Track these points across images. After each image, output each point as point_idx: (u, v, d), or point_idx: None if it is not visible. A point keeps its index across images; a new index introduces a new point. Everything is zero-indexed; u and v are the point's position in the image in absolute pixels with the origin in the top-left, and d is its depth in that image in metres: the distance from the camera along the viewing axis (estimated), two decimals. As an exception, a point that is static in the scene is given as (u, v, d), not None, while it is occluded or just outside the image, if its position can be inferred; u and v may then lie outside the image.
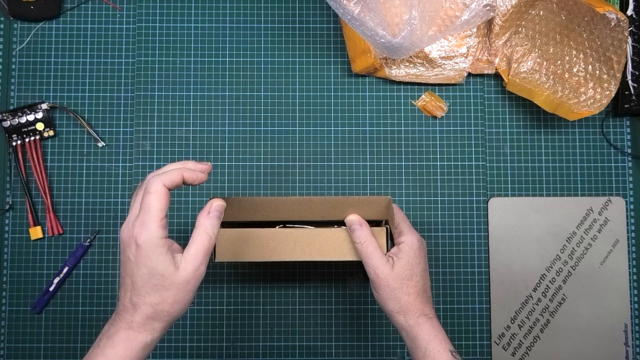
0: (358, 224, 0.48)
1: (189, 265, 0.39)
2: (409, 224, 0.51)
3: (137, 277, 0.39)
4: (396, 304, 0.48)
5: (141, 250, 0.38)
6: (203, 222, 0.41)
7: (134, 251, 0.39)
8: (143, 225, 0.38)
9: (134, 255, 0.39)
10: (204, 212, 0.42)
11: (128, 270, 0.39)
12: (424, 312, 0.48)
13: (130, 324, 0.39)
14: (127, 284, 0.40)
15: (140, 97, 0.64)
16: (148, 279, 0.39)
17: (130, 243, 0.39)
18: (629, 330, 0.62)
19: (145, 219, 0.38)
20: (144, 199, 0.39)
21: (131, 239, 0.39)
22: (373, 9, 0.55)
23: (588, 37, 0.59)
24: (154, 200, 0.39)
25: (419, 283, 0.49)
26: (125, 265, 0.39)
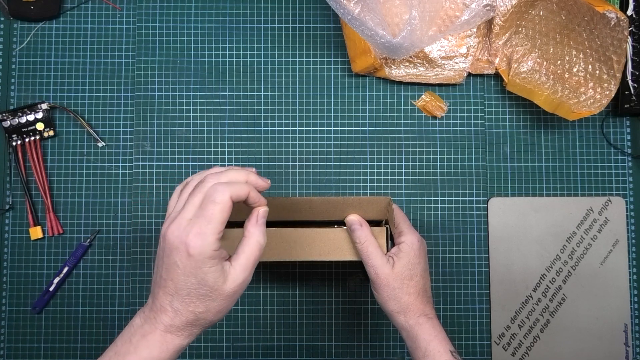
0: (358, 224, 0.48)
1: (239, 277, 0.38)
2: (409, 224, 0.51)
3: (183, 284, 0.37)
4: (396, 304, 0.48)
5: (193, 260, 0.36)
6: (253, 232, 0.40)
7: (184, 259, 0.36)
8: (201, 235, 0.36)
9: (184, 263, 0.36)
10: (252, 220, 0.40)
11: (172, 275, 0.37)
12: (425, 312, 0.48)
13: (168, 328, 0.38)
14: (168, 287, 0.38)
15: (140, 97, 0.64)
16: (195, 289, 0.37)
17: (181, 249, 0.36)
18: (629, 330, 0.62)
19: (204, 230, 0.36)
20: (207, 208, 0.36)
21: (182, 244, 0.36)
22: (373, 9, 0.55)
23: (588, 37, 0.59)
24: (219, 212, 0.36)
25: (419, 283, 0.49)
26: (170, 269, 0.37)
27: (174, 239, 0.37)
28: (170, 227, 0.37)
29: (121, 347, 0.38)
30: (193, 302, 0.37)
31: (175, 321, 0.38)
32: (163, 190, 0.63)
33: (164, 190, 0.63)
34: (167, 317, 0.38)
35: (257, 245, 0.40)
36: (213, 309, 0.38)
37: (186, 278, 0.37)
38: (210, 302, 0.38)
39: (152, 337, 0.38)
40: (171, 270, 0.37)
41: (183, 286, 0.37)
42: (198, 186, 0.38)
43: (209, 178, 0.38)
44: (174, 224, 0.37)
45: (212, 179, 0.38)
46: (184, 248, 0.36)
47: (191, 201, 0.38)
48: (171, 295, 0.37)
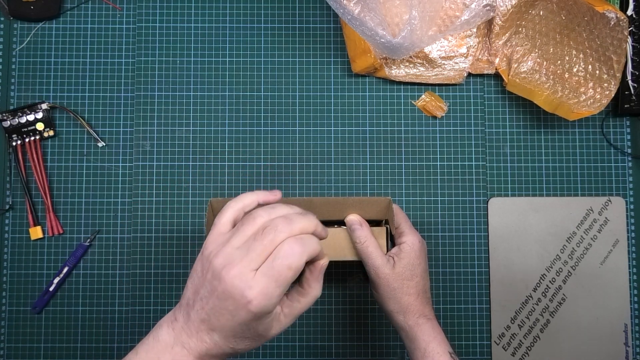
0: (358, 224, 0.48)
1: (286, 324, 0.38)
2: (410, 225, 0.51)
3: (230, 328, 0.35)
4: (396, 304, 0.48)
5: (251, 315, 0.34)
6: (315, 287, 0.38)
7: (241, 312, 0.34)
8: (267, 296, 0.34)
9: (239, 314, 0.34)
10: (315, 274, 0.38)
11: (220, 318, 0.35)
12: (424, 313, 0.48)
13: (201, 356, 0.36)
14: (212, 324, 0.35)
15: (140, 97, 0.64)
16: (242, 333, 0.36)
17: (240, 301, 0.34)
18: (629, 330, 0.62)
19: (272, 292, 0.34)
20: (281, 270, 0.34)
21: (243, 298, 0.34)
22: (373, 9, 0.55)
23: (588, 37, 0.59)
24: (291, 278, 0.34)
25: (419, 284, 0.49)
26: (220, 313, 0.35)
27: (233, 288, 0.34)
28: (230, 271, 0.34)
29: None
30: (236, 341, 0.36)
31: (213, 351, 0.36)
32: (163, 190, 0.63)
33: (164, 190, 0.63)
34: (204, 347, 0.36)
35: (313, 300, 0.38)
36: (252, 347, 0.37)
37: (237, 326, 0.35)
38: (253, 343, 0.37)
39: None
40: (220, 314, 0.35)
41: (229, 329, 0.35)
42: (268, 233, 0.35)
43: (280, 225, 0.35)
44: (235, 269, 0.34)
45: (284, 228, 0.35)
46: (244, 302, 0.34)
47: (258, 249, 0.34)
48: (213, 331, 0.36)
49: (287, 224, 0.35)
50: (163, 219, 0.62)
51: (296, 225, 0.35)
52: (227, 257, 0.35)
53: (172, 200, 0.62)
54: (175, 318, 0.37)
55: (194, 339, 0.36)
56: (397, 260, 0.48)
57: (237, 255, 0.35)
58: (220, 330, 0.35)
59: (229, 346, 0.36)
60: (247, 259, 0.34)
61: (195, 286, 0.36)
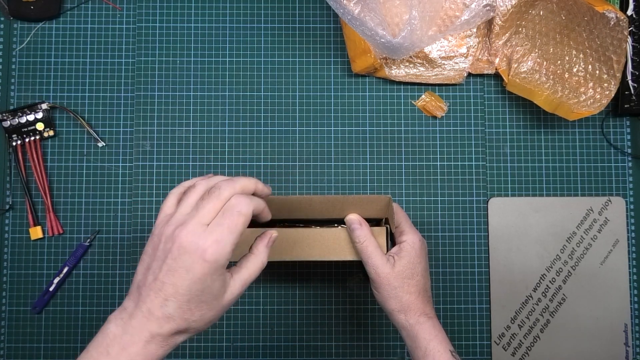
0: (357, 224, 0.48)
1: (236, 290, 0.38)
2: (410, 224, 0.51)
3: (186, 289, 0.35)
4: (397, 303, 0.48)
5: (207, 266, 0.35)
6: (262, 251, 0.41)
7: (197, 264, 0.35)
8: (221, 243, 0.35)
9: (195, 268, 0.35)
10: (264, 240, 0.41)
11: (176, 279, 0.35)
12: (425, 312, 0.48)
13: (154, 337, 0.36)
14: (165, 291, 0.35)
15: (140, 97, 0.64)
16: (197, 295, 0.36)
17: (195, 254, 0.35)
18: (629, 330, 0.62)
19: (225, 238, 0.35)
20: (232, 217, 0.36)
21: (199, 250, 0.35)
22: (373, 9, 0.55)
23: (588, 37, 0.59)
24: (242, 224, 0.36)
25: (420, 282, 0.49)
26: (175, 272, 0.35)
27: (188, 242, 0.35)
28: (183, 229, 0.36)
29: (98, 357, 0.35)
30: (190, 310, 0.36)
31: (164, 329, 0.36)
32: (163, 190, 0.63)
33: (164, 190, 0.63)
34: (155, 325, 0.36)
35: (260, 265, 0.40)
36: (206, 318, 0.37)
37: (192, 284, 0.35)
38: (207, 311, 0.37)
39: (134, 349, 0.35)
40: (176, 274, 0.35)
41: (185, 291, 0.35)
42: (213, 192, 0.37)
43: (223, 185, 0.37)
44: (188, 227, 0.36)
45: (227, 187, 0.37)
46: (200, 254, 0.35)
47: (207, 207, 0.36)
48: (166, 300, 0.35)
49: (229, 183, 0.37)
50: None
51: (238, 184, 0.38)
52: (177, 222, 0.36)
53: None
54: (124, 307, 0.37)
55: (141, 318, 0.36)
56: (398, 259, 0.48)
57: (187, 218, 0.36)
58: (174, 296, 0.35)
59: (183, 317, 0.36)
60: (197, 216, 0.36)
61: (146, 264, 0.37)
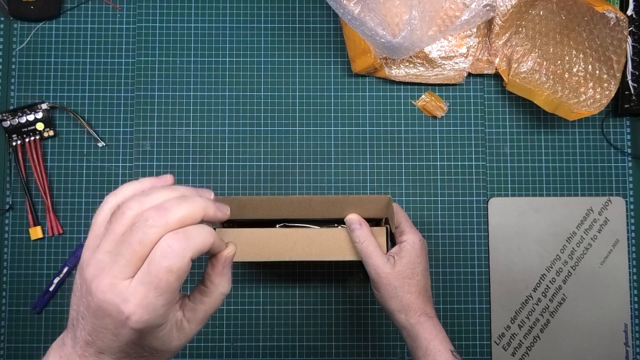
0: (357, 224, 0.48)
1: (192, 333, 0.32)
2: (410, 224, 0.51)
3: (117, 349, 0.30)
4: (397, 303, 0.48)
5: (136, 333, 0.29)
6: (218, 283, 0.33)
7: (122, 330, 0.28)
8: (147, 308, 0.28)
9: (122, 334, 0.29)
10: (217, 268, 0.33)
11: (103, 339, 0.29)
12: (425, 311, 0.48)
13: None
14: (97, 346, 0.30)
15: (140, 97, 0.64)
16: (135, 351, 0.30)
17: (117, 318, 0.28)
18: (629, 330, 0.62)
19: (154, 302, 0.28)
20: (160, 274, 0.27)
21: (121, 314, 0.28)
22: (373, 9, 0.55)
23: (588, 37, 0.59)
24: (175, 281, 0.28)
25: (420, 282, 0.49)
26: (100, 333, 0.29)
27: (106, 303, 0.28)
28: (101, 282, 0.28)
29: None
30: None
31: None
32: (163, 190, 0.63)
33: (164, 190, 0.63)
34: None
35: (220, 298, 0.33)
36: None
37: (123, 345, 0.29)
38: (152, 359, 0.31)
39: None
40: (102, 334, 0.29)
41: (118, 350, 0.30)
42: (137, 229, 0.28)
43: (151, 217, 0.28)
44: (106, 279, 0.28)
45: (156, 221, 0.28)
46: (122, 318, 0.28)
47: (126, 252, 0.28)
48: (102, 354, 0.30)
49: (160, 216, 0.28)
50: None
51: (173, 216, 0.28)
52: (97, 265, 0.28)
53: (172, 200, 0.62)
54: (64, 342, 0.31)
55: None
56: (398, 258, 0.48)
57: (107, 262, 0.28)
58: (109, 352, 0.30)
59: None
60: (116, 266, 0.28)
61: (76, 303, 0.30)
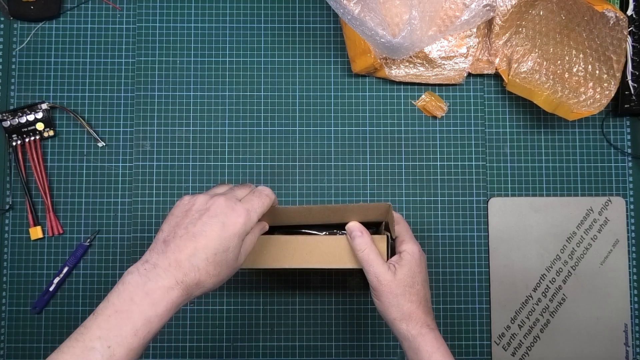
0: (358, 232, 0.48)
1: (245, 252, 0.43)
2: (411, 234, 0.51)
3: (215, 244, 0.39)
4: (398, 312, 0.47)
5: (238, 227, 0.40)
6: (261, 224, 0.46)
7: (231, 223, 0.40)
8: (251, 212, 0.41)
9: (228, 225, 0.39)
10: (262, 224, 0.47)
11: (209, 232, 0.39)
12: (427, 323, 0.47)
13: (178, 284, 0.37)
14: (197, 242, 0.39)
15: (140, 97, 0.64)
16: (221, 252, 0.39)
17: (230, 214, 0.40)
18: (629, 330, 0.62)
19: (256, 208, 0.42)
20: (261, 196, 0.43)
21: (234, 212, 0.40)
22: (373, 9, 0.55)
23: (588, 37, 0.59)
24: (267, 202, 0.43)
25: (421, 292, 0.48)
26: (211, 226, 0.39)
27: (224, 206, 0.40)
28: (220, 198, 0.41)
29: (121, 305, 0.37)
30: (214, 264, 0.39)
31: (188, 278, 0.38)
32: (163, 190, 0.63)
33: (163, 190, 0.63)
34: (180, 273, 0.38)
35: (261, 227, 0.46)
36: (222, 277, 0.40)
37: (223, 239, 0.39)
38: (223, 269, 0.40)
39: (157, 294, 0.37)
40: (210, 228, 0.39)
41: (216, 244, 0.39)
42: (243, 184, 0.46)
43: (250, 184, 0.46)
44: (224, 197, 0.41)
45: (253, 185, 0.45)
46: (235, 216, 0.40)
47: (239, 189, 0.44)
48: (196, 250, 0.38)
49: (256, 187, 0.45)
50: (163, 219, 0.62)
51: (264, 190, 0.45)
52: (212, 194, 0.42)
53: (172, 200, 0.62)
54: (146, 260, 0.39)
55: (171, 267, 0.38)
56: (398, 267, 0.48)
57: (221, 194, 0.42)
58: (205, 247, 0.39)
59: (207, 270, 0.39)
60: (232, 193, 0.42)
61: (175, 222, 0.41)
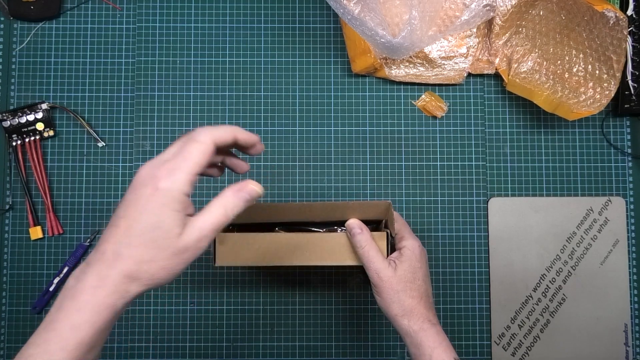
0: (358, 229, 0.48)
1: (194, 233, 0.34)
2: (409, 230, 0.51)
3: (138, 222, 0.33)
4: (399, 307, 0.47)
5: (158, 196, 0.33)
6: (227, 197, 0.36)
7: (148, 194, 0.33)
8: (173, 171, 0.34)
9: (147, 197, 0.33)
10: (234, 187, 0.36)
11: (130, 211, 0.34)
12: (428, 318, 0.48)
13: (102, 280, 0.33)
14: (119, 226, 0.34)
15: (140, 97, 0.64)
16: (148, 230, 0.33)
17: (148, 183, 0.33)
18: (629, 330, 0.62)
19: (178, 166, 0.34)
20: (185, 146, 0.35)
21: (152, 179, 0.33)
22: (373, 9, 0.55)
23: (588, 37, 0.59)
24: (196, 150, 0.34)
25: (422, 287, 0.48)
26: (130, 204, 0.34)
27: (143, 173, 0.34)
28: (143, 165, 0.35)
29: (51, 315, 0.33)
30: (141, 246, 0.33)
31: (112, 271, 0.33)
32: (163, 190, 0.63)
33: (164, 190, 0.63)
34: (104, 266, 0.33)
35: (221, 210, 0.35)
36: (159, 261, 0.33)
37: (145, 215, 0.33)
38: (158, 250, 0.33)
39: (82, 297, 0.32)
40: (130, 206, 0.34)
41: (137, 225, 0.33)
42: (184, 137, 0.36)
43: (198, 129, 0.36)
44: (148, 163, 0.35)
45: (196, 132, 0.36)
46: (153, 182, 0.33)
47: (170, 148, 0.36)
48: (119, 236, 0.33)
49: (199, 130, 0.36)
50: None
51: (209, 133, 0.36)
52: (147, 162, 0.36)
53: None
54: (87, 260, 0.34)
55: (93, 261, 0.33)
56: (399, 263, 0.48)
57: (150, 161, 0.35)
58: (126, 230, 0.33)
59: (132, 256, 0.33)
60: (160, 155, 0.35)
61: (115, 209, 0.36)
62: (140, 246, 0.33)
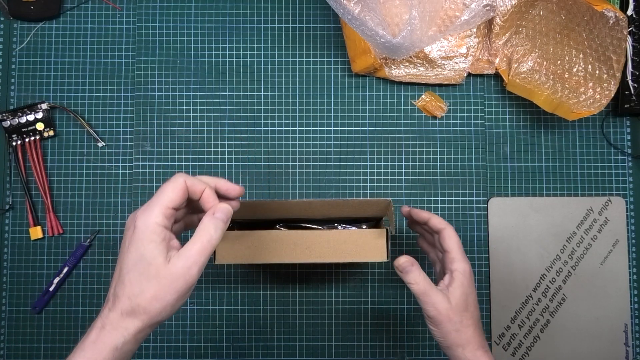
0: (409, 265, 0.46)
1: (180, 262, 0.36)
2: (463, 252, 0.49)
3: (126, 261, 0.36)
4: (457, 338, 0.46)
5: (136, 233, 0.36)
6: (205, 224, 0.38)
7: (130, 234, 0.37)
8: (147, 208, 0.37)
9: (129, 238, 0.36)
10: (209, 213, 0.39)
11: (120, 256, 0.37)
12: (482, 345, 0.47)
13: (104, 321, 0.36)
14: (115, 272, 0.37)
15: (140, 97, 0.64)
16: (134, 265, 0.36)
17: (130, 226, 0.37)
18: (629, 330, 0.62)
19: (151, 203, 0.37)
20: (160, 188, 0.38)
21: (132, 220, 0.37)
22: (373, 9, 0.55)
23: (588, 37, 0.59)
24: (168, 188, 0.38)
25: (474, 313, 0.47)
26: (120, 250, 0.37)
27: (128, 220, 0.38)
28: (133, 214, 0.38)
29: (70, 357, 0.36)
30: (130, 283, 0.35)
31: (112, 312, 0.36)
32: (163, 190, 0.63)
33: (164, 190, 0.63)
34: (106, 309, 0.36)
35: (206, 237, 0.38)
36: (148, 292, 0.35)
37: (129, 253, 0.36)
38: (145, 281, 0.35)
39: (88, 338, 0.36)
40: (121, 251, 0.37)
41: (124, 264, 0.36)
42: None
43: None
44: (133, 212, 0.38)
45: None
46: (132, 223, 0.37)
47: None
48: (115, 280, 0.37)
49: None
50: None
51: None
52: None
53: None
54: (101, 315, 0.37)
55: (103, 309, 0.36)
56: (452, 290, 0.46)
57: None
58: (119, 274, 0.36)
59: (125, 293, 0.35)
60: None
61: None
62: (130, 282, 0.36)
